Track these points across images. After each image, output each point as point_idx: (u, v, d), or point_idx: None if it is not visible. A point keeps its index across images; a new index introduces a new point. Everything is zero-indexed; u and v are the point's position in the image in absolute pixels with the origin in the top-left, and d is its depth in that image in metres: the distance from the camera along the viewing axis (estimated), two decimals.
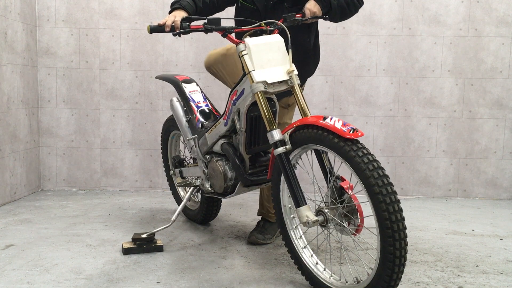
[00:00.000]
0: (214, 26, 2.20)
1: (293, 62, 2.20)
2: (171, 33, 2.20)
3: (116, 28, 4.13)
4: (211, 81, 4.16)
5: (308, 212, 1.99)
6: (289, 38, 2.18)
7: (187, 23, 2.18)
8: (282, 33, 2.25)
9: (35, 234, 2.89)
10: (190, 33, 4.15)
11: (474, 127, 4.17)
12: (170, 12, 2.36)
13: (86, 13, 4.10)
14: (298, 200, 2.02)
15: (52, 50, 4.12)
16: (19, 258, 2.46)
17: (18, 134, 3.78)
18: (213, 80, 4.16)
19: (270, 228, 2.85)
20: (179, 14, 2.23)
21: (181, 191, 3.39)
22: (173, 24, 2.21)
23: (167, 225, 2.76)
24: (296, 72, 2.16)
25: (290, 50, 2.17)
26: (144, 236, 2.63)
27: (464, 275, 2.36)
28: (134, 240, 2.62)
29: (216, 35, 4.13)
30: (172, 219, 2.76)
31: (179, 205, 3.39)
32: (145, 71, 4.16)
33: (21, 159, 3.83)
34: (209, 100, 2.93)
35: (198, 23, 3.13)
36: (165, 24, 2.21)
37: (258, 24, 2.26)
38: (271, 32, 2.26)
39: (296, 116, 2.64)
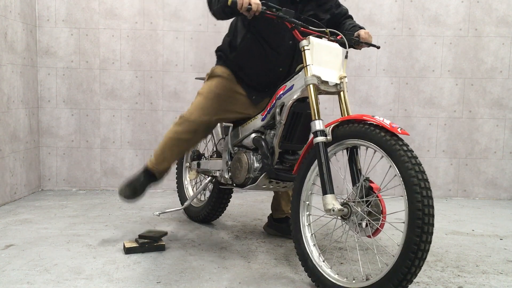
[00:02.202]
0: (288, 16, 2.27)
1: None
2: (247, 14, 2.20)
3: (116, 28, 4.13)
4: None
5: (334, 201, 2.04)
6: (347, 50, 2.33)
7: (264, 8, 2.24)
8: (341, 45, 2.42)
9: (35, 234, 2.89)
10: (191, 33, 4.16)
11: (474, 127, 4.17)
12: None
13: (86, 13, 4.10)
14: (327, 188, 2.06)
15: (52, 50, 4.12)
16: (19, 258, 2.46)
17: (18, 134, 3.78)
18: None
19: None
20: None
21: (190, 189, 3.40)
22: (256, 5, 2.22)
23: (178, 208, 3.05)
24: (347, 80, 2.30)
25: (346, 60, 2.31)
26: (157, 214, 2.94)
27: (464, 275, 2.36)
28: (141, 236, 2.66)
29: (215, 35, 4.14)
30: (185, 204, 3.05)
31: (182, 205, 3.40)
32: (145, 71, 4.16)
33: (21, 159, 3.83)
34: None
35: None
36: (249, 3, 2.19)
37: (323, 29, 2.39)
38: (332, 40, 2.39)
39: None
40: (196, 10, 4.13)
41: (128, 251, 2.57)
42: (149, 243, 2.62)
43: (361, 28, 2.60)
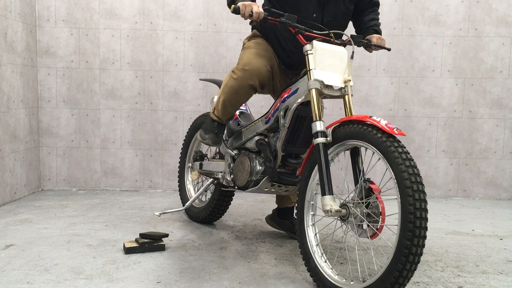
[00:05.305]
0: (290, 22, 2.29)
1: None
2: (249, 20, 2.29)
3: (116, 28, 4.13)
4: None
5: (332, 202, 2.05)
6: (353, 50, 2.34)
7: (266, 14, 2.29)
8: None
9: (35, 234, 2.89)
10: (191, 33, 4.16)
11: (474, 127, 4.17)
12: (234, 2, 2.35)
13: (86, 13, 4.10)
14: (326, 189, 2.07)
15: (52, 50, 4.12)
16: (19, 258, 2.46)
17: (18, 134, 3.78)
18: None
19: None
20: (256, 4, 2.29)
21: (191, 190, 3.40)
22: (259, 13, 2.27)
23: (180, 209, 3.04)
24: (352, 83, 2.28)
25: (351, 61, 2.28)
26: (157, 214, 2.90)
27: (464, 275, 2.36)
28: (141, 236, 2.66)
29: (215, 35, 4.14)
30: (186, 205, 3.09)
31: (183, 205, 3.40)
32: (145, 71, 4.16)
33: (21, 159, 3.83)
34: (247, 106, 3.05)
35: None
36: (251, 11, 2.24)
37: (327, 32, 2.38)
38: (337, 43, 2.39)
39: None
40: (196, 10, 4.13)
41: (128, 251, 2.57)
42: (149, 243, 2.62)
43: (377, 29, 2.57)
